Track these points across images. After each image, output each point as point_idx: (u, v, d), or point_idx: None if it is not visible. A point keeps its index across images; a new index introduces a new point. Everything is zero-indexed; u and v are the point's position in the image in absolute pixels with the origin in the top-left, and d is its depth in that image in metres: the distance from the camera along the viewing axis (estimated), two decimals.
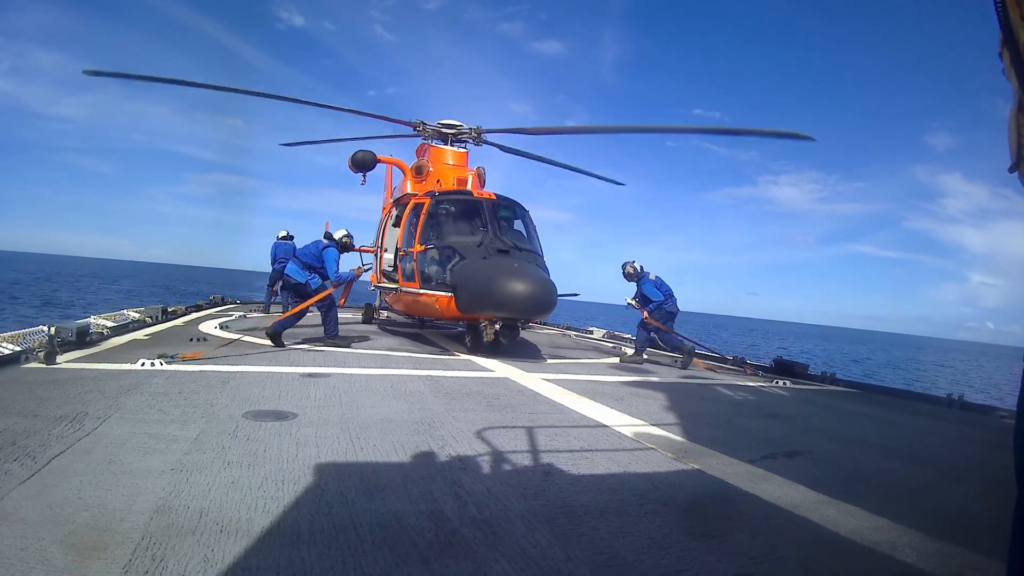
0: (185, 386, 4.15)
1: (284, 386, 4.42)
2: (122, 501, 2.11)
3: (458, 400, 4.41)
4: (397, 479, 2.56)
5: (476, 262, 7.21)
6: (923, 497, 2.99)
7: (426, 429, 3.45)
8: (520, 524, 2.17)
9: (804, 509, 2.57)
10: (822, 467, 3.32)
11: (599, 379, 6.14)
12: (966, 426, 5.18)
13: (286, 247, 10.74)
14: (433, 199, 8.46)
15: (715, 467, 3.12)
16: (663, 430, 3.90)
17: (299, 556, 1.79)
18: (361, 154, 9.88)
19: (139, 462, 2.54)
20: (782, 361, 8.20)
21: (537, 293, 6.86)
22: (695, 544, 2.12)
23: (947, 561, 2.16)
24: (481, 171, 10.40)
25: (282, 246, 10.93)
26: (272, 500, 2.22)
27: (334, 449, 2.92)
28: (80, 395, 3.64)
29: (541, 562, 1.89)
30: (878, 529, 2.41)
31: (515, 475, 2.76)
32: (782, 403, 5.64)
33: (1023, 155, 1.04)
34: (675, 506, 2.52)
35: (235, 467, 2.56)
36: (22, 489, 2.16)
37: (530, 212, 8.97)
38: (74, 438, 2.79)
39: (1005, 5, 0.90)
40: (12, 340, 5.23)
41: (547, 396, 4.85)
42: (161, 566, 1.68)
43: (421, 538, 1.99)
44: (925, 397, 6.95)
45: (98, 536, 1.84)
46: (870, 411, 5.52)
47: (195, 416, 3.35)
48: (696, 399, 5.47)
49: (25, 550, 1.71)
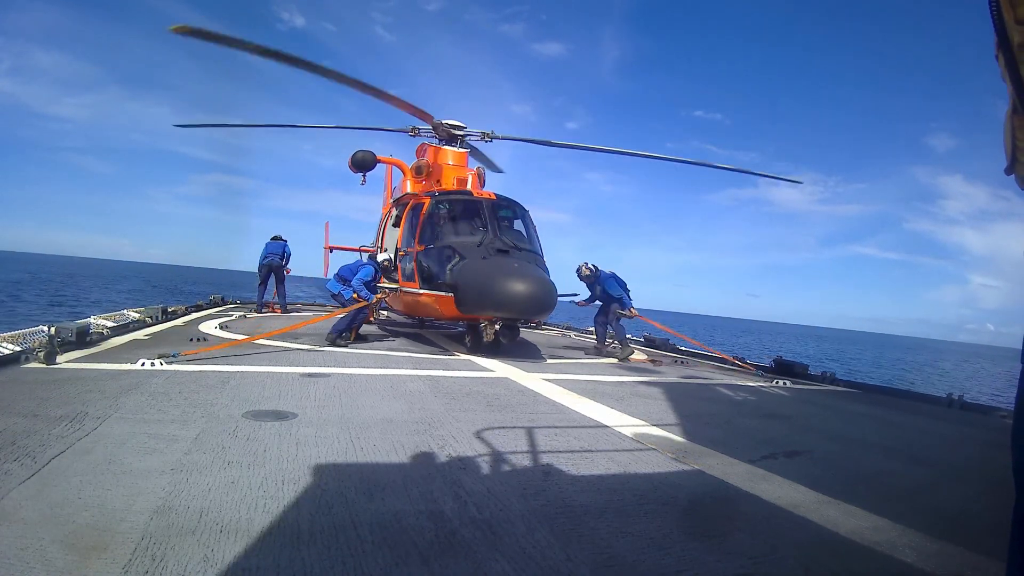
0: (185, 386, 4.15)
1: (284, 386, 4.42)
2: (122, 501, 2.11)
3: (458, 400, 4.41)
4: (397, 479, 2.56)
5: (476, 262, 7.21)
6: (923, 497, 2.99)
7: (426, 429, 3.45)
8: (520, 524, 2.17)
9: (804, 509, 2.57)
10: (822, 467, 3.32)
11: (599, 379, 6.14)
12: (966, 426, 5.18)
13: (274, 246, 11.55)
14: (433, 199, 8.46)
15: (715, 467, 3.12)
16: (663, 430, 3.90)
17: (299, 556, 1.79)
18: (361, 154, 9.88)
19: (139, 462, 2.54)
20: (782, 361, 8.21)
21: (537, 293, 6.86)
22: (695, 544, 2.12)
23: (947, 561, 2.16)
24: (481, 171, 10.40)
25: (271, 245, 11.59)
26: (272, 500, 2.22)
27: (334, 449, 2.92)
28: (80, 395, 3.64)
29: (541, 562, 1.89)
30: (878, 529, 2.41)
31: (515, 475, 2.76)
32: (782, 403, 5.64)
33: (1019, 157, 1.04)
34: (675, 506, 2.52)
35: (235, 467, 2.56)
36: (22, 489, 2.16)
37: (530, 212, 8.98)
38: (74, 438, 2.79)
39: (1000, 8, 0.91)
40: (12, 340, 5.23)
41: (547, 396, 4.85)
42: (161, 566, 1.68)
43: (421, 538, 1.99)
44: (925, 397, 6.95)
45: (98, 536, 1.84)
46: (870, 411, 5.52)
47: (195, 416, 3.35)
48: (696, 399, 5.47)
49: (25, 550, 1.71)
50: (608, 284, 8.73)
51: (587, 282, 8.98)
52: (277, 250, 11.41)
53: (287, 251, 11.55)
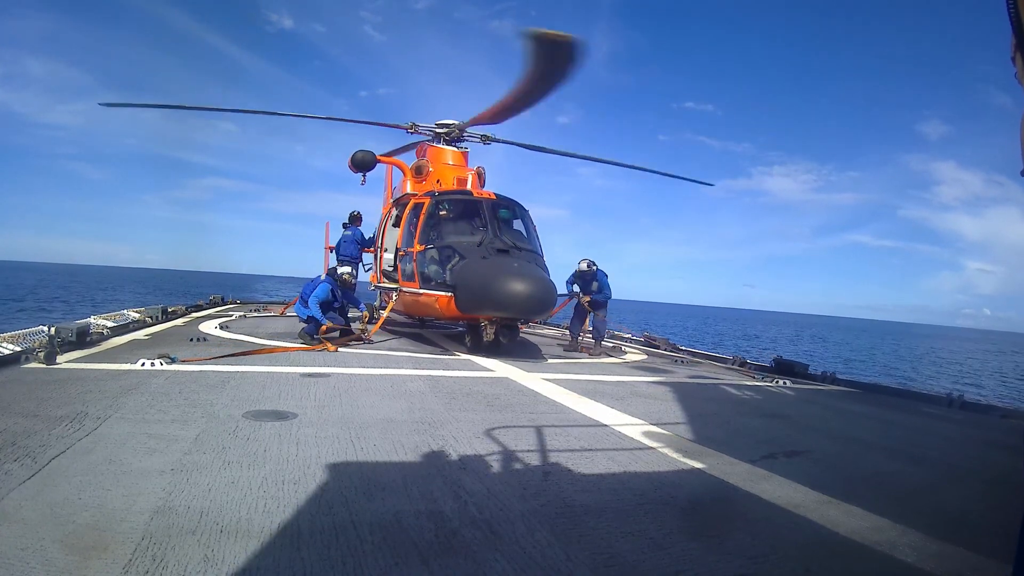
0: (185, 386, 4.15)
1: (284, 386, 4.42)
2: (122, 501, 2.11)
3: (458, 400, 4.41)
4: (397, 479, 2.56)
5: (476, 262, 7.21)
6: (923, 497, 2.98)
7: (426, 429, 3.45)
8: (520, 524, 2.17)
9: (804, 509, 2.57)
10: (822, 467, 3.32)
11: (599, 379, 6.14)
12: (966, 426, 5.18)
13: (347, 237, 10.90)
14: (433, 199, 8.46)
15: (715, 467, 3.12)
16: (663, 430, 3.90)
17: (299, 556, 1.79)
18: (361, 154, 9.89)
19: (139, 462, 2.54)
20: (782, 361, 8.21)
21: (537, 293, 6.86)
22: (695, 544, 2.12)
23: (947, 561, 2.15)
24: (481, 171, 10.40)
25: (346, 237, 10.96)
26: (272, 500, 2.22)
27: (334, 449, 2.92)
28: (80, 395, 3.65)
29: (541, 562, 1.89)
30: (878, 529, 2.40)
31: (515, 475, 2.76)
32: (782, 403, 5.63)
33: None
34: (675, 506, 2.52)
35: (235, 467, 2.56)
36: (22, 489, 2.16)
37: (530, 212, 8.98)
38: (74, 438, 2.79)
39: (1018, 10, 0.89)
40: (12, 340, 5.24)
41: (547, 396, 4.85)
42: (161, 566, 1.68)
43: (421, 538, 1.99)
44: (925, 397, 6.95)
45: (98, 536, 1.84)
46: (870, 411, 5.51)
47: (195, 416, 3.35)
48: (696, 399, 5.47)
49: (25, 550, 1.71)
50: (605, 283, 8.90)
51: (585, 278, 8.98)
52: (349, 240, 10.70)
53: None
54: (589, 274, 8.91)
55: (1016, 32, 0.91)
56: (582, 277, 8.95)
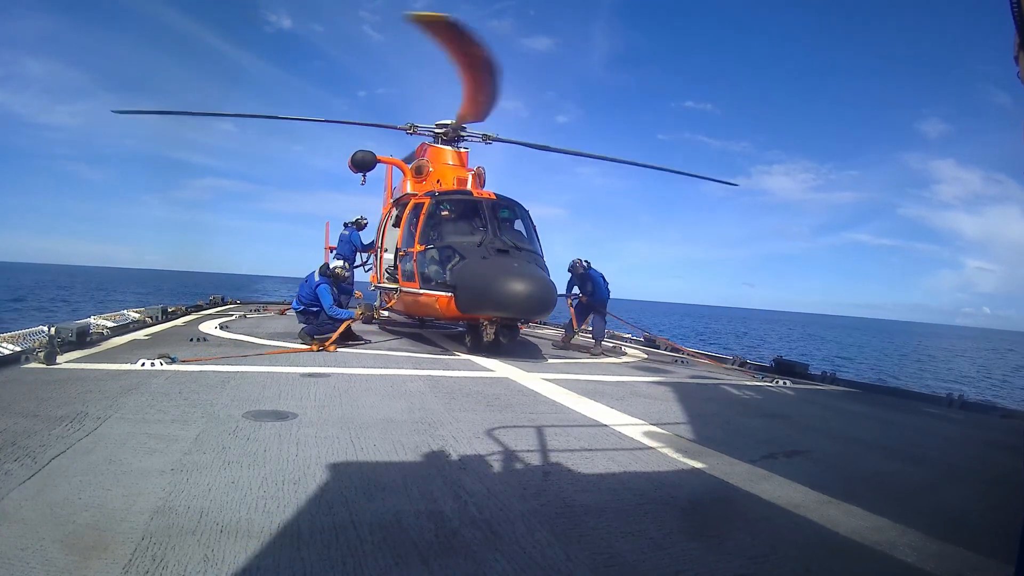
0: (185, 386, 4.15)
1: (284, 386, 4.42)
2: (122, 501, 2.11)
3: (458, 400, 4.41)
4: (397, 479, 2.56)
5: (476, 262, 7.21)
6: (923, 497, 2.98)
7: (426, 429, 3.45)
8: (520, 524, 2.17)
9: (804, 509, 2.57)
10: (822, 467, 3.32)
11: (599, 379, 6.14)
12: (966, 426, 5.18)
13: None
14: (433, 199, 8.46)
15: (715, 467, 3.12)
16: (663, 430, 3.90)
17: (299, 556, 1.79)
18: (361, 154, 9.89)
19: (139, 462, 2.54)
20: (782, 361, 8.21)
21: (537, 293, 6.86)
22: (695, 544, 2.12)
23: (947, 561, 2.15)
24: (481, 171, 10.40)
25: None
26: (272, 500, 2.22)
27: (334, 449, 2.92)
28: (80, 395, 3.65)
29: (541, 562, 1.89)
30: (878, 529, 2.40)
31: (515, 475, 2.76)
32: (782, 403, 5.63)
33: None
34: (675, 506, 2.52)
35: (235, 467, 2.56)
36: (22, 489, 2.16)
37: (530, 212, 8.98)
38: (74, 438, 2.79)
39: (1022, 10, 0.88)
40: (12, 340, 5.24)
41: (547, 396, 4.85)
42: (161, 566, 1.68)
43: (421, 538, 1.99)
44: (925, 397, 6.95)
45: (98, 536, 1.84)
46: (870, 411, 5.51)
47: (195, 416, 3.35)
48: (696, 399, 5.46)
49: (25, 550, 1.71)
50: (598, 283, 8.97)
51: (580, 279, 9.06)
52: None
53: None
54: (584, 275, 8.98)
55: (1020, 31, 0.90)
56: (578, 278, 9.03)
